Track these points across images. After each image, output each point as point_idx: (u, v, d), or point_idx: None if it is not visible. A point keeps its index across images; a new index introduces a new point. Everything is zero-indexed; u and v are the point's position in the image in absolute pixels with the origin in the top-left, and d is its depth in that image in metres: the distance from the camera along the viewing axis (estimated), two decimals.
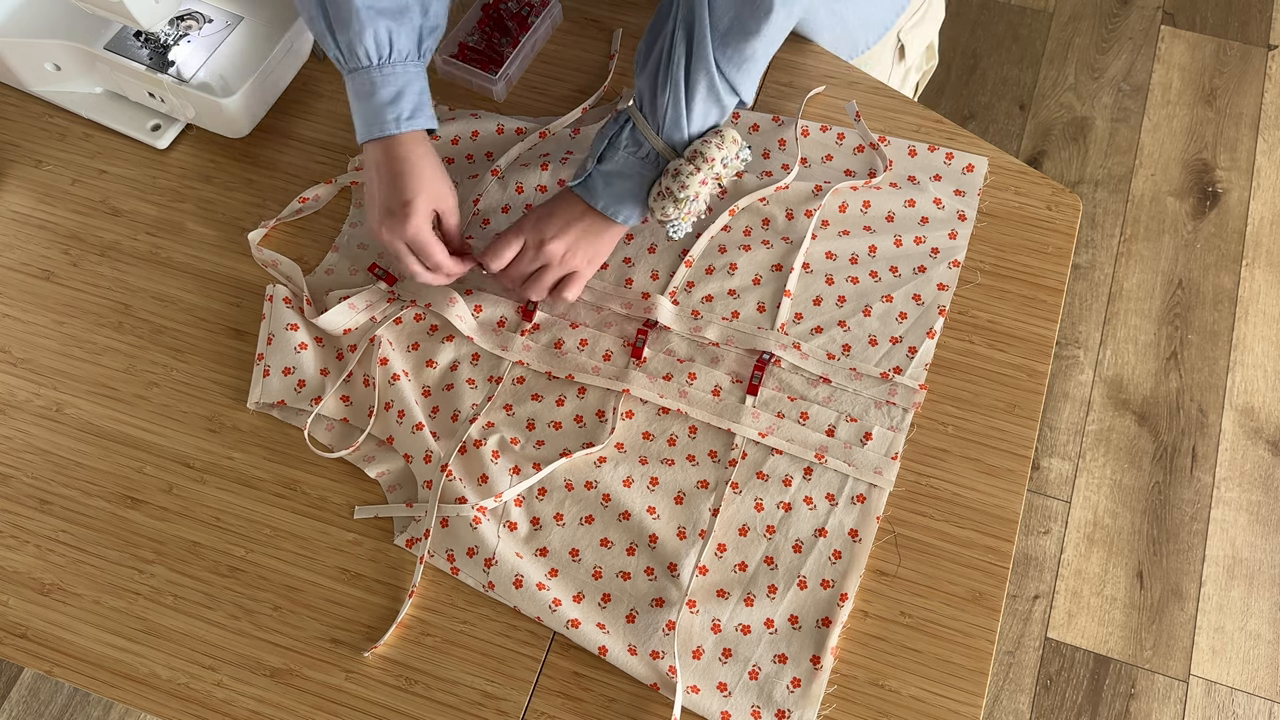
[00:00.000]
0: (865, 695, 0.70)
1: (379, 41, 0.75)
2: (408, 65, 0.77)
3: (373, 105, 0.76)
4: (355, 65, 0.76)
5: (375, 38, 0.75)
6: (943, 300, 0.83)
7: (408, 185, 0.76)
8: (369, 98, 0.76)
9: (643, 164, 0.77)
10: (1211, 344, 1.60)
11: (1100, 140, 1.80)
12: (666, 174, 0.77)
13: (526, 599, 0.72)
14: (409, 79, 0.77)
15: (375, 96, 0.76)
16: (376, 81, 0.76)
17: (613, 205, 0.78)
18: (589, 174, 0.78)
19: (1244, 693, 1.37)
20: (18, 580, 0.74)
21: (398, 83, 0.76)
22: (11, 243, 0.88)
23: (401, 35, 0.76)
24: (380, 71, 0.76)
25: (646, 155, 0.77)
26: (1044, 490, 1.50)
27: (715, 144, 0.76)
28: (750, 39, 0.72)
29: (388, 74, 0.76)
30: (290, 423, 0.79)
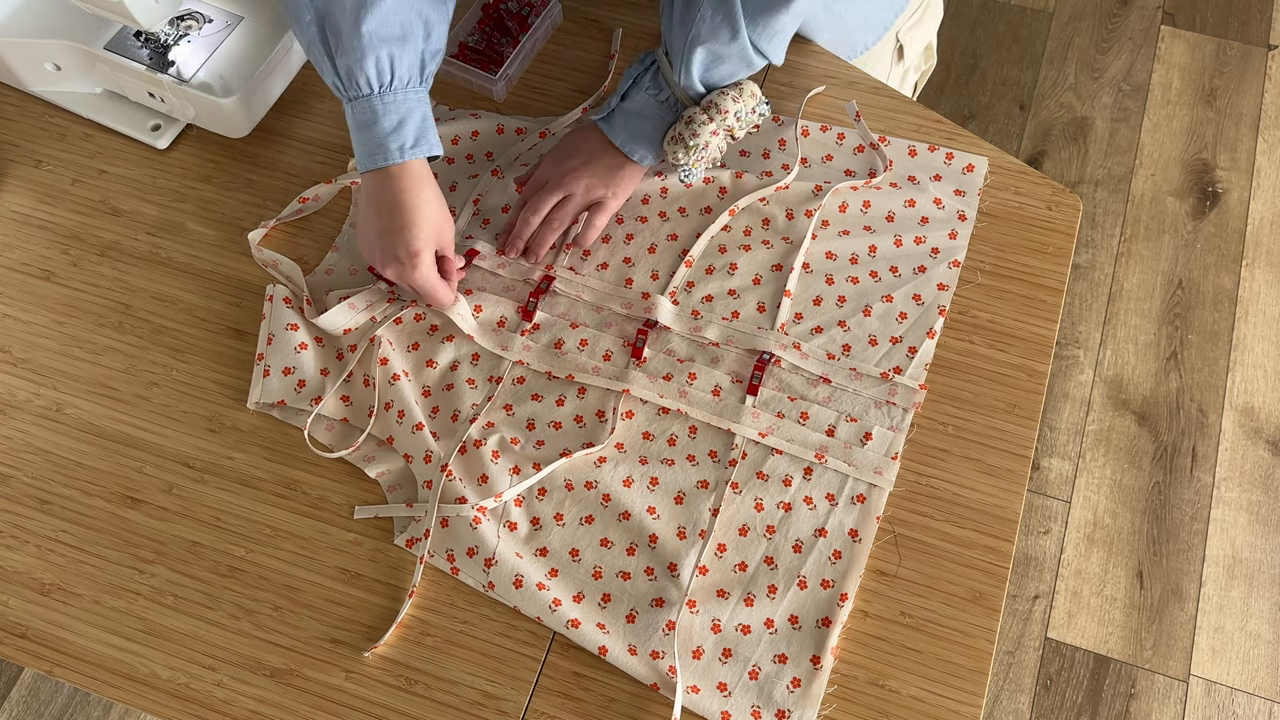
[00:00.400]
0: (865, 695, 0.70)
1: (380, 69, 0.73)
2: (409, 92, 0.75)
3: (375, 134, 0.75)
4: (356, 93, 0.75)
5: (377, 64, 0.73)
6: (943, 300, 0.83)
7: (415, 233, 0.75)
8: (370, 126, 0.75)
9: (661, 107, 0.79)
10: (1211, 344, 1.60)
11: (1100, 140, 1.80)
12: (681, 120, 0.79)
13: (526, 599, 0.72)
14: (411, 106, 0.75)
15: (377, 125, 0.75)
16: (378, 110, 0.75)
17: (630, 143, 0.80)
18: (611, 109, 0.81)
19: (1244, 693, 1.37)
20: (18, 580, 0.74)
21: (400, 110, 0.75)
22: (11, 243, 0.88)
23: (403, 61, 0.74)
24: (382, 100, 0.74)
25: (666, 99, 0.79)
26: (1044, 490, 1.50)
27: (731, 96, 0.77)
28: (779, 13, 0.74)
29: (389, 102, 0.75)
30: (290, 423, 0.79)
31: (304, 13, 0.73)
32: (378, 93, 0.74)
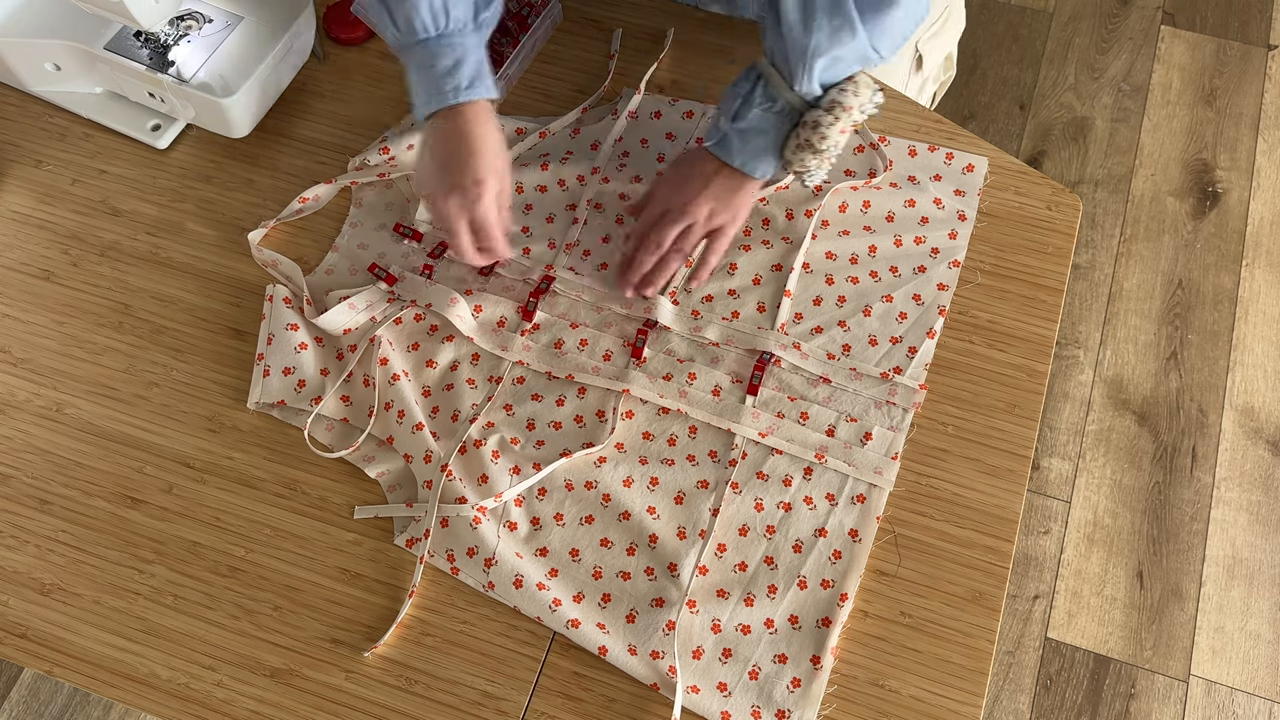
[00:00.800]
0: (865, 695, 0.70)
1: (434, 11, 0.75)
2: (465, 35, 0.77)
3: (432, 76, 0.76)
4: (412, 39, 0.76)
5: (430, 7, 0.75)
6: (943, 300, 0.83)
7: (480, 162, 0.76)
8: (428, 69, 0.76)
9: (778, 118, 0.78)
10: (1211, 344, 1.60)
11: (1100, 140, 1.80)
12: (805, 126, 0.77)
13: (526, 599, 0.72)
14: (467, 49, 0.77)
15: (434, 67, 0.76)
16: (435, 52, 0.76)
17: (750, 161, 0.78)
18: (724, 133, 0.78)
19: (1244, 693, 1.37)
20: (18, 580, 0.74)
21: (455, 52, 0.76)
22: (11, 243, 0.88)
23: (458, 5, 0.76)
24: (438, 43, 0.76)
25: (781, 110, 0.77)
26: (1044, 490, 1.50)
27: (851, 92, 0.76)
28: (890, 11, 0.73)
29: (445, 44, 0.76)
30: (290, 423, 0.79)
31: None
32: (435, 36, 0.76)
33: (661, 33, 0.97)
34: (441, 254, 0.86)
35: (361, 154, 0.89)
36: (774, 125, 0.78)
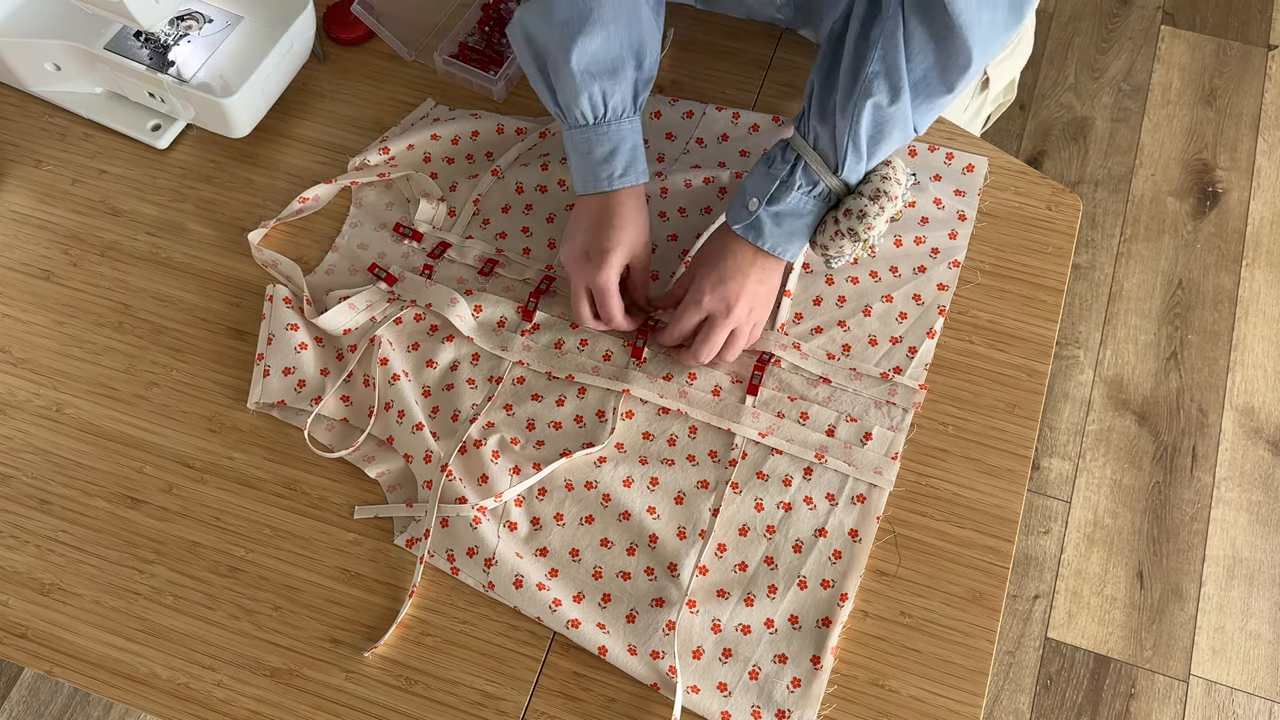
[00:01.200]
0: (865, 695, 0.70)
1: (594, 103, 0.76)
2: (623, 122, 0.78)
3: (589, 162, 0.78)
4: (573, 123, 0.78)
5: (590, 100, 0.76)
6: (943, 300, 0.83)
7: (611, 235, 0.77)
8: (586, 154, 0.78)
9: (816, 201, 0.76)
10: (1211, 344, 1.60)
11: (1100, 140, 1.80)
12: (849, 214, 0.75)
13: (526, 599, 0.72)
14: (623, 136, 0.78)
15: (591, 154, 0.77)
16: (592, 140, 0.77)
17: (781, 244, 0.76)
18: (756, 215, 0.76)
19: (1244, 693, 1.37)
20: (18, 580, 0.74)
21: (612, 141, 0.77)
22: (11, 243, 0.88)
23: (616, 93, 0.76)
24: (595, 130, 0.77)
25: (820, 193, 0.75)
26: (1044, 490, 1.50)
27: (894, 179, 0.75)
28: (944, 95, 0.72)
29: (602, 133, 0.77)
30: (290, 423, 0.79)
31: (523, 49, 0.77)
32: (592, 124, 0.77)
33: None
34: (441, 254, 0.86)
35: (361, 154, 0.89)
36: (812, 209, 0.76)
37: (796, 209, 0.75)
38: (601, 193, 0.78)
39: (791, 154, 0.75)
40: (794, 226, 0.76)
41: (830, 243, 0.76)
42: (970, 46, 0.68)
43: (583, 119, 0.77)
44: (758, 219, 0.76)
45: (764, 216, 0.76)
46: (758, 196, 0.76)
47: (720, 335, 0.77)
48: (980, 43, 0.68)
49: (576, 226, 0.80)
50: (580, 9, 0.73)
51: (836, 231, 0.75)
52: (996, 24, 0.69)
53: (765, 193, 0.75)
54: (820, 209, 0.76)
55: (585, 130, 0.77)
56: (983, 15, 0.67)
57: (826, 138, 0.73)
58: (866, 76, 0.70)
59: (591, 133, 0.77)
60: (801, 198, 0.75)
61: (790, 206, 0.75)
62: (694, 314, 0.77)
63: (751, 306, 0.77)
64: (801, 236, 0.77)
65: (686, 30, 0.98)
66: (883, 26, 0.69)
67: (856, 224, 0.74)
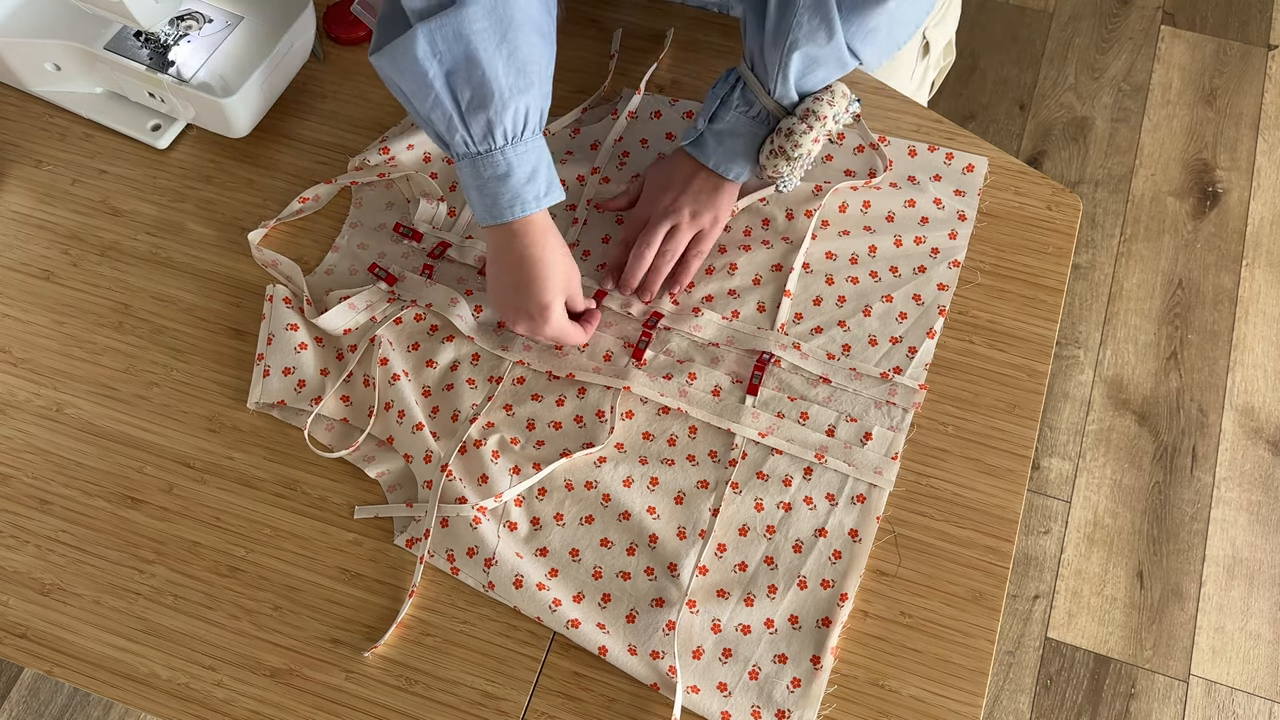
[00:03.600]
0: (865, 695, 0.70)
1: (516, 119, 0.70)
2: (536, 139, 0.73)
3: (509, 186, 0.72)
4: (488, 147, 0.71)
5: (514, 115, 0.70)
6: (943, 300, 0.83)
7: (543, 286, 0.74)
8: (504, 179, 0.71)
9: (753, 123, 0.78)
10: (1211, 344, 1.60)
11: (1100, 140, 1.80)
12: (779, 133, 0.77)
13: (526, 599, 0.72)
14: (539, 152, 0.73)
15: (512, 177, 0.71)
16: (512, 161, 0.71)
17: (724, 162, 0.79)
18: (700, 133, 0.80)
19: (1244, 693, 1.37)
20: (18, 580, 0.74)
21: (531, 159, 0.72)
22: (11, 243, 0.88)
23: (535, 108, 0.71)
24: (515, 149, 0.71)
25: (757, 114, 0.78)
26: (1044, 490, 1.50)
27: (826, 100, 0.77)
28: (874, 10, 0.73)
29: (521, 151, 0.72)
30: (290, 423, 0.79)
31: (425, 70, 0.68)
32: (510, 143, 0.71)
33: (661, 33, 0.97)
34: (441, 254, 0.86)
35: (361, 154, 0.89)
36: (749, 129, 0.79)
37: (735, 128, 0.79)
38: (512, 226, 0.73)
39: (733, 75, 0.79)
40: (735, 146, 0.79)
41: (767, 162, 0.79)
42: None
43: (503, 138, 0.71)
44: (702, 136, 0.80)
45: (707, 135, 0.80)
46: (703, 115, 0.80)
47: (658, 229, 0.80)
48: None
49: (499, 277, 0.76)
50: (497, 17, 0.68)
51: (771, 151, 0.79)
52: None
53: (709, 111, 0.80)
54: (759, 130, 0.79)
55: (502, 151, 0.71)
56: None
57: (760, 59, 0.76)
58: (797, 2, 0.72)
59: (510, 151, 0.71)
60: (739, 118, 0.78)
61: (730, 125, 0.79)
62: (638, 211, 0.82)
63: (694, 212, 0.80)
64: (743, 158, 0.80)
65: (686, 30, 0.98)
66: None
67: (785, 141, 0.77)
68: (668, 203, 0.81)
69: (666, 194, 0.82)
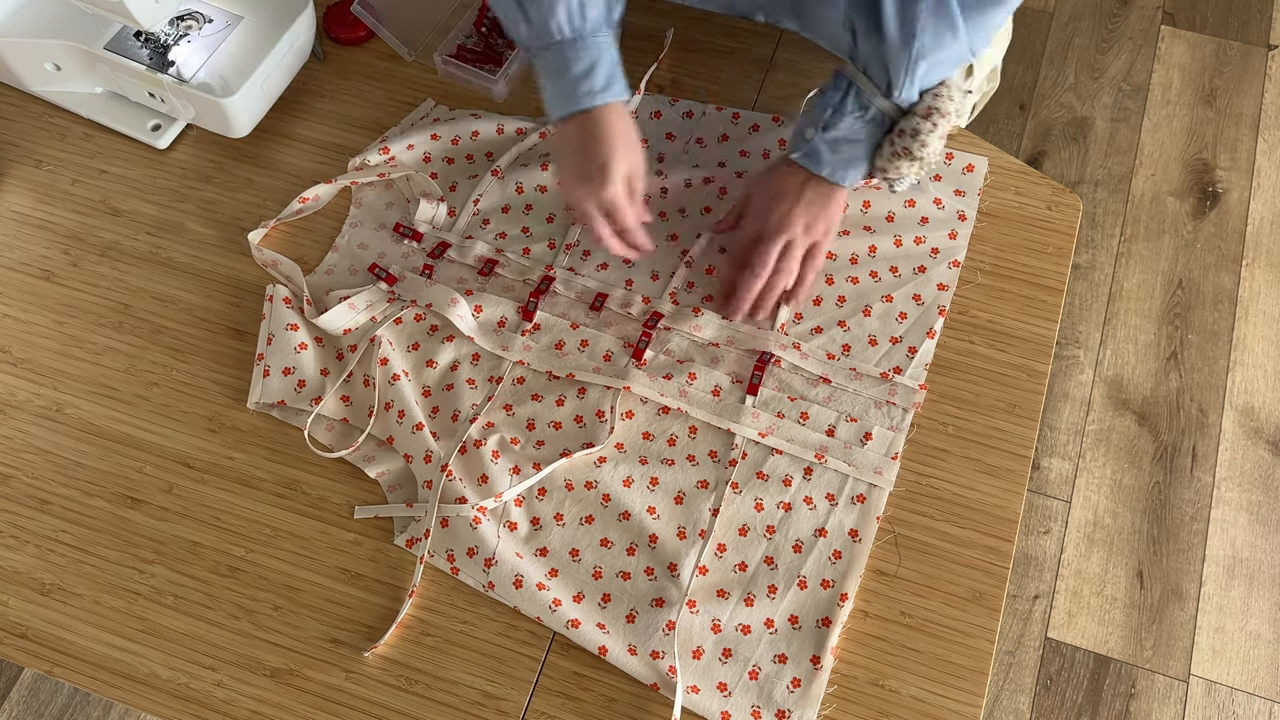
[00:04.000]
0: (865, 695, 0.70)
1: (571, 13, 0.73)
2: (599, 37, 0.75)
3: (566, 80, 0.75)
4: (547, 40, 0.74)
5: (568, 9, 0.73)
6: (943, 300, 0.83)
7: (604, 149, 0.75)
8: (562, 73, 0.75)
9: (871, 126, 0.76)
10: (1211, 344, 1.60)
11: (1100, 140, 1.79)
12: (903, 134, 0.75)
13: (526, 599, 0.72)
14: (601, 50, 0.75)
15: (569, 71, 0.75)
16: (569, 56, 0.74)
17: (840, 170, 0.77)
18: (811, 143, 0.77)
19: (1244, 693, 1.37)
20: (18, 580, 0.74)
21: (590, 55, 0.75)
22: (11, 243, 0.88)
23: (592, 5, 0.74)
24: (573, 46, 0.74)
25: (874, 118, 0.76)
26: (1044, 490, 1.50)
27: (946, 96, 0.75)
28: (995, 8, 0.71)
29: (580, 48, 0.74)
30: (290, 423, 0.79)
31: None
32: (569, 39, 0.74)
33: (661, 33, 0.97)
34: (441, 254, 0.86)
35: (361, 154, 0.89)
36: (867, 134, 0.77)
37: (851, 134, 0.76)
38: (582, 115, 0.75)
39: (843, 81, 0.76)
40: (850, 152, 0.77)
41: (889, 164, 0.77)
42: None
43: (559, 33, 0.74)
44: (814, 146, 0.77)
45: (820, 144, 0.77)
46: (813, 125, 0.77)
47: (772, 247, 0.78)
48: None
49: (567, 151, 0.78)
50: None
51: (893, 152, 0.76)
52: None
53: (820, 120, 0.77)
54: (875, 133, 0.77)
55: (560, 47, 0.74)
56: None
57: (876, 59, 0.74)
58: None
59: (569, 48, 0.74)
60: (854, 123, 0.76)
61: (844, 132, 0.76)
62: (748, 227, 0.79)
63: (807, 224, 0.78)
64: (859, 162, 0.78)
65: (686, 30, 0.98)
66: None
67: (910, 142, 0.75)
68: (780, 218, 0.79)
69: (778, 207, 0.79)
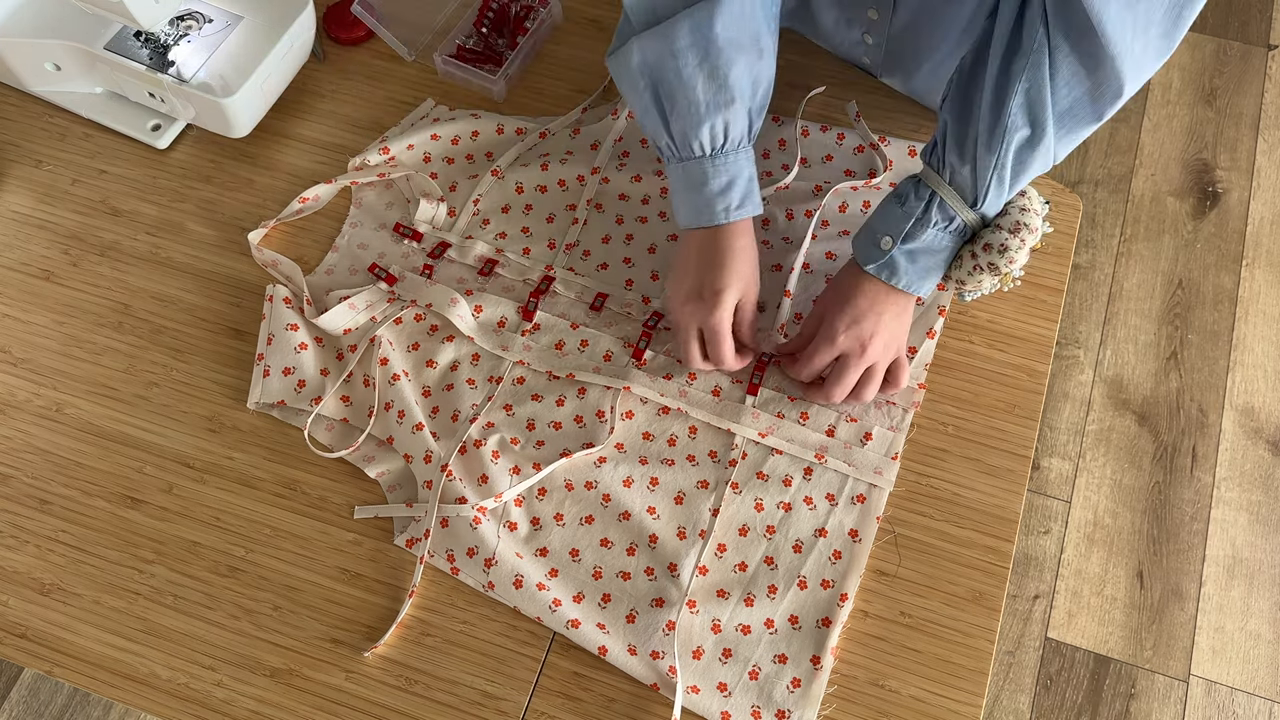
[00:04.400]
0: (865, 695, 0.70)
1: (714, 134, 0.73)
2: (740, 153, 0.75)
3: (704, 195, 0.75)
4: (688, 155, 0.74)
5: (711, 130, 0.73)
6: (942, 300, 0.83)
7: (723, 274, 0.75)
8: (700, 188, 0.75)
9: (952, 237, 0.73)
10: (1211, 344, 1.60)
11: (1100, 140, 1.80)
12: (989, 249, 0.73)
13: (526, 599, 0.72)
14: (740, 166, 0.75)
15: (707, 187, 0.74)
16: (708, 172, 0.74)
17: (916, 281, 0.74)
18: (889, 255, 0.73)
19: (1244, 693, 1.37)
20: (18, 580, 0.74)
21: (729, 172, 0.74)
22: (11, 243, 0.88)
23: (736, 124, 0.73)
24: (713, 162, 0.74)
25: (957, 229, 0.73)
26: (1044, 490, 1.50)
27: (1032, 210, 0.72)
28: (1091, 124, 0.69)
29: (720, 164, 0.74)
30: (290, 423, 0.79)
31: (637, 79, 0.74)
32: (708, 155, 0.74)
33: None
34: (441, 254, 0.86)
35: (361, 154, 0.90)
36: (948, 244, 0.74)
37: (932, 245, 0.73)
38: (713, 227, 0.75)
39: (926, 190, 0.72)
40: (929, 263, 0.74)
41: (968, 278, 0.74)
42: (1122, 75, 0.64)
43: (700, 150, 0.74)
44: (891, 258, 0.73)
45: (898, 255, 0.73)
46: (891, 235, 0.73)
47: (854, 375, 0.75)
48: (1132, 70, 0.64)
49: (687, 265, 0.77)
50: (702, 36, 0.70)
51: (975, 266, 0.74)
52: (1149, 50, 0.64)
53: (900, 231, 0.73)
54: (956, 244, 0.74)
55: (700, 162, 0.74)
56: (1135, 44, 0.63)
57: (965, 173, 0.71)
58: (1010, 111, 0.67)
59: (708, 164, 0.74)
60: (938, 234, 0.73)
61: (926, 244, 0.73)
62: (827, 353, 0.75)
63: (886, 343, 0.75)
64: (936, 272, 0.75)
65: None
66: (1027, 59, 0.65)
67: (997, 258, 0.72)
68: (863, 343, 0.74)
69: (860, 331, 0.74)
